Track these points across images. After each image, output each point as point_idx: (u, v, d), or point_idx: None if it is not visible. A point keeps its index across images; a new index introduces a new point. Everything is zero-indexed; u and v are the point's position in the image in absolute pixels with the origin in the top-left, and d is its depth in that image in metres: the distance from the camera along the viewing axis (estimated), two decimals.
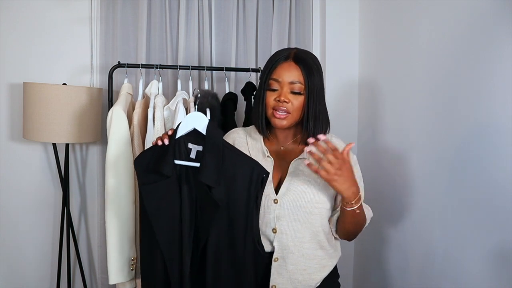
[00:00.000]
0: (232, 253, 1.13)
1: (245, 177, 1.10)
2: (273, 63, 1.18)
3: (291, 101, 1.15)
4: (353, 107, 2.00)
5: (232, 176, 1.11)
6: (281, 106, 1.15)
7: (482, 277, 1.17)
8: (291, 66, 1.16)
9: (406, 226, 1.56)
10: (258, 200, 1.12)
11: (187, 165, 1.13)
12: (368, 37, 1.92)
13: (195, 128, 1.14)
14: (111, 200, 1.45)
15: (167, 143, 1.13)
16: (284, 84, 1.16)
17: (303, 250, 1.17)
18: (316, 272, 1.19)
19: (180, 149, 1.14)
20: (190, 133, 1.15)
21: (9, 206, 1.94)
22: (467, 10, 1.23)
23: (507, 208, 1.07)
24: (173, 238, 1.14)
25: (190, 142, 1.15)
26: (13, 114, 1.93)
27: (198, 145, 1.14)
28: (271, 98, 1.17)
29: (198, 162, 1.11)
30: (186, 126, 1.14)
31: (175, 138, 1.14)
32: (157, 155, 1.14)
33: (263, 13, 2.04)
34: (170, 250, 1.14)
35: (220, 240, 1.12)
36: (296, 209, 1.15)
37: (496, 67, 1.11)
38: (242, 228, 1.11)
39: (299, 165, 1.20)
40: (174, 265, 1.14)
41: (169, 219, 1.14)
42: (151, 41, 1.95)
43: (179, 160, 1.13)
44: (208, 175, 1.08)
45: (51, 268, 1.99)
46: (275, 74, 1.17)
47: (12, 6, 1.88)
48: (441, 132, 1.35)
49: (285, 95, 1.15)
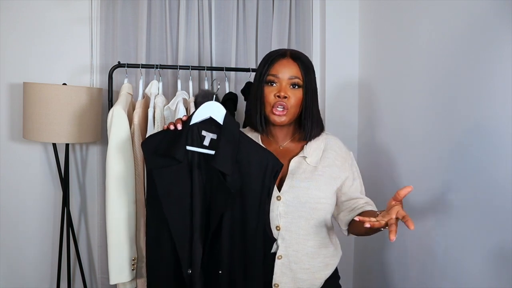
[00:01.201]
0: (244, 240, 1.14)
1: (260, 167, 1.12)
2: (270, 60, 1.19)
3: (290, 96, 1.16)
4: (353, 107, 2.00)
5: (247, 165, 1.12)
6: (280, 102, 1.15)
7: (482, 277, 1.17)
8: (289, 62, 1.18)
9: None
10: (270, 190, 1.13)
11: (201, 151, 1.14)
12: (368, 37, 1.92)
13: (211, 116, 1.15)
14: (112, 200, 1.45)
15: (180, 128, 1.14)
16: (283, 79, 1.17)
17: (306, 249, 1.17)
18: (319, 271, 1.19)
19: (193, 135, 1.15)
20: (205, 121, 1.16)
21: (9, 206, 1.94)
22: (467, 10, 1.23)
23: (507, 208, 1.07)
24: (184, 224, 1.14)
25: (204, 129, 1.15)
26: (13, 114, 1.93)
27: (212, 133, 1.15)
28: (270, 95, 1.17)
29: (212, 150, 1.13)
30: (203, 113, 1.15)
31: (189, 125, 1.14)
32: (168, 139, 1.15)
33: (263, 13, 2.04)
34: (181, 236, 1.14)
35: (234, 227, 1.13)
36: (300, 205, 1.16)
37: (496, 67, 1.11)
38: (255, 215, 1.13)
39: (299, 162, 1.21)
40: (184, 252, 1.14)
41: (181, 205, 1.14)
42: (151, 41, 1.95)
43: (192, 147, 1.14)
44: (224, 162, 1.09)
45: (51, 268, 1.99)
46: (273, 70, 1.17)
47: (12, 6, 1.88)
48: (441, 132, 1.35)
49: (284, 90, 1.16)
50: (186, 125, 1.14)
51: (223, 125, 1.14)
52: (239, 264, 1.14)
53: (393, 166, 1.66)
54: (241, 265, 1.15)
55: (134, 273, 1.51)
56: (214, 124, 1.15)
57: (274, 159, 1.13)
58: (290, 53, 1.20)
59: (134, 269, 1.50)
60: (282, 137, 1.26)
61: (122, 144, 1.46)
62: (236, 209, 1.13)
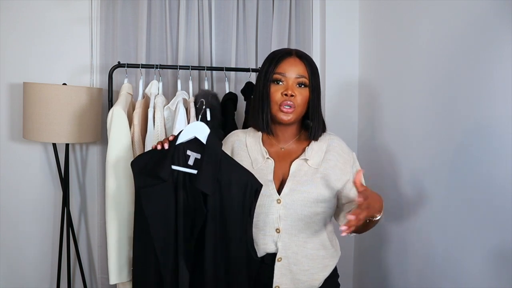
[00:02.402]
0: (227, 259, 1.14)
1: (239, 187, 1.13)
2: (276, 59, 1.18)
3: (297, 95, 1.16)
4: (353, 107, 2.00)
5: (227, 185, 1.13)
6: (287, 101, 1.15)
7: (482, 277, 1.17)
8: (296, 61, 1.18)
9: (406, 226, 1.56)
10: (251, 211, 1.14)
11: (185, 171, 1.15)
12: (368, 37, 1.92)
13: (196, 136, 1.16)
14: (112, 200, 1.45)
15: (167, 148, 1.15)
16: (290, 78, 1.16)
17: (306, 251, 1.17)
18: (318, 272, 1.19)
19: (179, 155, 1.16)
20: (191, 140, 1.17)
21: (9, 206, 1.94)
22: (467, 10, 1.23)
23: (507, 208, 1.07)
24: (169, 244, 1.15)
25: (189, 149, 1.17)
26: (13, 114, 1.93)
27: (197, 153, 1.17)
28: (277, 93, 1.17)
29: (195, 169, 1.14)
30: (188, 133, 1.17)
31: (175, 144, 1.16)
32: (156, 158, 1.16)
33: (263, 13, 2.04)
34: (165, 255, 1.15)
35: (216, 248, 1.14)
36: (300, 209, 1.16)
37: (496, 67, 1.11)
38: (237, 235, 1.14)
39: (301, 165, 1.20)
40: (168, 273, 1.15)
41: (165, 223, 1.15)
42: (151, 41, 1.95)
43: (177, 166, 1.15)
44: (205, 182, 1.11)
45: (51, 268, 1.99)
46: (280, 69, 1.17)
47: (12, 6, 1.88)
48: (441, 132, 1.35)
49: (292, 88, 1.15)
50: (172, 145, 1.16)
51: (206, 144, 1.15)
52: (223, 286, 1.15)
53: (393, 166, 1.65)
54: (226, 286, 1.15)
55: None
56: (199, 144, 1.17)
57: (254, 179, 1.13)
58: (296, 52, 1.20)
59: None
60: (285, 138, 1.25)
61: (121, 144, 1.46)
62: (217, 230, 1.13)
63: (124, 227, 1.46)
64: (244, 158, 1.23)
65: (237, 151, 1.25)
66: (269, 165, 1.20)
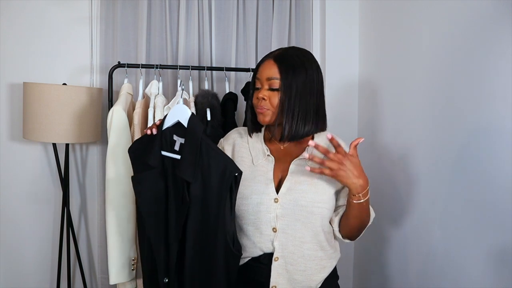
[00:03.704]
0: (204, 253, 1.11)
1: (218, 174, 1.07)
2: (258, 63, 1.22)
3: (269, 98, 1.16)
4: (353, 107, 2.00)
5: (207, 171, 1.08)
6: (259, 104, 1.17)
7: (482, 277, 1.17)
8: (269, 64, 1.18)
9: (406, 226, 1.56)
10: (232, 199, 1.09)
11: (171, 157, 1.13)
12: (368, 37, 1.92)
13: (179, 120, 1.13)
14: (112, 200, 1.45)
15: (155, 133, 1.14)
16: (263, 81, 1.18)
17: (303, 251, 1.17)
18: (316, 273, 1.19)
19: (167, 140, 1.14)
20: (176, 124, 1.14)
21: (9, 206, 1.94)
22: (467, 10, 1.23)
23: (507, 208, 1.07)
24: (159, 231, 1.14)
25: (175, 134, 1.14)
26: (13, 114, 1.93)
27: (181, 138, 1.12)
28: (254, 97, 1.21)
29: (179, 155, 1.11)
30: (172, 118, 1.14)
31: (162, 129, 1.13)
32: (145, 145, 1.15)
33: (263, 13, 2.04)
34: (157, 242, 1.14)
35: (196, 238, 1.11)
36: (297, 209, 1.15)
37: (496, 67, 1.11)
38: (213, 225, 1.09)
39: (300, 165, 1.20)
40: (160, 259, 1.14)
41: (156, 211, 1.14)
42: (151, 41, 1.95)
43: (165, 152, 1.13)
44: (185, 169, 1.07)
45: (51, 268, 1.99)
46: (257, 73, 1.20)
47: (12, 6, 1.88)
48: (441, 132, 1.35)
49: (262, 92, 1.17)
50: (159, 129, 1.13)
51: (187, 128, 1.10)
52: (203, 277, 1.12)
53: (393, 166, 1.66)
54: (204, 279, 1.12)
55: (134, 273, 1.51)
56: (183, 128, 1.12)
57: (232, 164, 1.07)
58: (277, 53, 1.19)
59: (134, 269, 1.50)
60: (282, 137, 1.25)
61: (121, 144, 1.46)
62: (198, 219, 1.09)
63: (124, 227, 1.46)
64: (245, 154, 1.23)
65: (238, 148, 1.25)
66: (269, 163, 1.21)
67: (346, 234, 1.23)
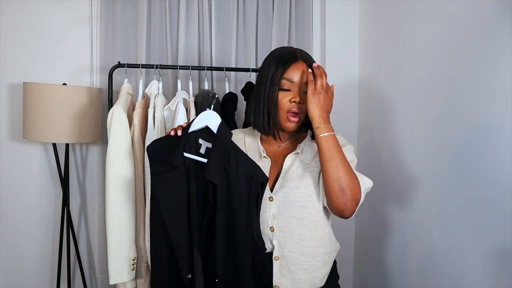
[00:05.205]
0: (234, 250, 1.14)
1: (246, 178, 1.13)
2: (283, 62, 1.15)
3: (303, 102, 1.15)
4: (353, 107, 2.00)
5: (235, 175, 1.13)
6: (295, 108, 1.15)
7: (482, 277, 1.17)
8: (303, 66, 1.17)
9: (406, 226, 1.56)
10: (258, 201, 1.13)
11: (196, 159, 1.16)
12: (368, 37, 1.92)
13: (207, 125, 1.17)
14: (112, 200, 1.45)
15: (180, 135, 1.16)
16: (298, 84, 1.16)
17: (303, 248, 1.16)
18: (318, 269, 1.18)
19: (191, 143, 1.17)
20: (203, 129, 1.18)
21: (9, 206, 1.94)
22: (467, 10, 1.23)
23: (507, 208, 1.07)
24: (182, 230, 1.16)
25: (201, 138, 1.18)
26: (13, 114, 1.93)
27: (208, 142, 1.17)
28: (284, 100, 1.15)
29: (206, 158, 1.15)
30: (200, 122, 1.17)
31: (187, 132, 1.16)
32: (168, 145, 1.18)
33: (263, 13, 2.04)
34: (178, 241, 1.16)
35: (226, 237, 1.14)
36: (290, 205, 1.15)
37: (496, 67, 1.11)
38: (242, 226, 1.13)
39: (293, 160, 1.20)
40: (183, 256, 1.16)
41: (178, 211, 1.16)
42: (151, 41, 1.95)
43: (189, 154, 1.16)
44: (213, 172, 1.11)
45: (51, 268, 1.99)
46: (288, 74, 1.15)
47: (12, 6, 1.88)
48: (441, 132, 1.35)
49: (300, 95, 1.15)
50: (185, 132, 1.17)
51: (216, 134, 1.15)
52: (234, 273, 1.15)
53: (393, 166, 1.65)
54: (235, 275, 1.15)
55: (134, 273, 1.51)
56: (210, 134, 1.17)
57: (259, 171, 1.13)
58: (300, 54, 1.18)
59: (134, 269, 1.50)
60: (284, 138, 1.26)
61: (121, 144, 1.46)
62: (225, 220, 1.14)
63: (124, 227, 1.46)
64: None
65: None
66: (266, 164, 1.21)
67: (331, 199, 1.09)
